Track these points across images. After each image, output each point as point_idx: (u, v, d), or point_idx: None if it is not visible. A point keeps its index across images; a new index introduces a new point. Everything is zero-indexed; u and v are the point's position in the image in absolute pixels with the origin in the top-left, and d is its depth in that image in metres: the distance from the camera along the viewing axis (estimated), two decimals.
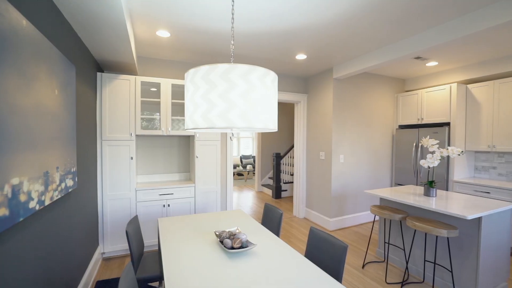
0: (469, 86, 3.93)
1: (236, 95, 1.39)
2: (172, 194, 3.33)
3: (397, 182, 4.66)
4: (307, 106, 4.76)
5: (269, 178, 7.35)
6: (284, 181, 6.56)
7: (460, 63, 3.87)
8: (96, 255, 2.86)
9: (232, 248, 1.73)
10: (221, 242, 1.80)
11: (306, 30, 2.70)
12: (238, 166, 9.44)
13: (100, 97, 3.01)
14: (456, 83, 3.84)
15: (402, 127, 4.76)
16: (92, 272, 2.66)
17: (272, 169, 6.95)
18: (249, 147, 11.47)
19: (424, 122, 4.26)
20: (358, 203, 4.45)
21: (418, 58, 3.63)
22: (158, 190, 3.26)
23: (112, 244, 3.08)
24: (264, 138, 7.43)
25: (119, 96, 3.09)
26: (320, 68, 4.19)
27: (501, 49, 3.24)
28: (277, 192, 6.36)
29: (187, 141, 3.87)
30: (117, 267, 2.94)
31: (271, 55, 3.50)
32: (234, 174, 9.47)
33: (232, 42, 1.65)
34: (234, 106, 1.39)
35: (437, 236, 2.40)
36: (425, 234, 2.69)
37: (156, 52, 3.41)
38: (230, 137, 1.53)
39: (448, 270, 2.45)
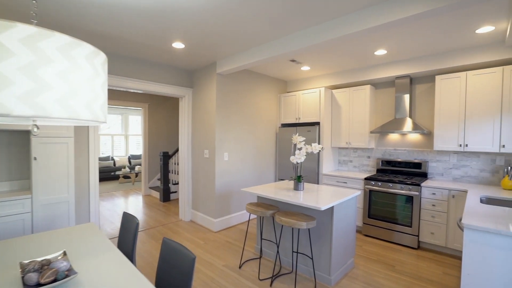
0: (334, 91, 4.53)
1: (52, 74, 0.97)
2: None
3: (280, 177, 4.97)
4: (192, 101, 4.46)
5: (158, 179, 6.69)
6: (174, 182, 6.07)
7: (327, 71, 4.40)
8: None
9: (39, 285, 1.25)
10: (23, 278, 1.28)
11: (180, 13, 2.38)
12: (124, 168, 8.26)
13: None
14: (324, 88, 4.34)
15: (284, 125, 5.11)
16: None
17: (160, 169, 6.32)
18: (140, 146, 10.28)
19: (301, 121, 4.68)
20: (243, 200, 4.48)
21: (293, 61, 3.90)
22: None
23: None
24: (152, 135, 6.70)
25: None
26: (204, 62, 3.96)
27: (355, 61, 3.82)
28: (165, 195, 5.82)
29: (24, 138, 2.92)
30: None
31: (141, 38, 3.01)
32: (119, 177, 8.23)
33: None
34: (49, 87, 0.96)
35: (299, 228, 2.54)
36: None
37: None
38: (33, 132, 1.06)
39: (310, 258, 2.64)
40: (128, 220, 2.13)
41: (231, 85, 4.17)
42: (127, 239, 2.07)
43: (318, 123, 4.53)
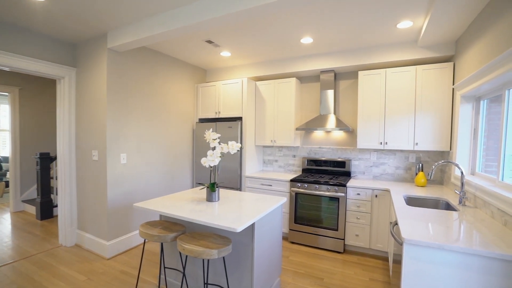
0: (258, 83, 4.06)
1: None
2: None
3: (198, 182, 4.25)
4: (75, 85, 3.32)
5: (37, 189, 5.07)
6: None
7: (250, 59, 3.90)
8: None
9: None
10: None
11: None
12: None
13: None
14: (246, 78, 3.82)
15: (202, 120, 4.40)
16: None
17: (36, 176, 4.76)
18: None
19: (221, 116, 4.05)
20: (149, 214, 3.59)
21: (210, 42, 3.23)
22: None
23: None
24: (27, 131, 5.03)
25: None
26: (91, 31, 2.93)
27: (280, 49, 3.41)
28: (45, 210, 4.38)
29: None
30: None
31: None
32: None
33: None
34: None
35: None
36: None
37: None
38: None
39: None
40: None
41: (131, 67, 3.23)
42: None
43: (240, 119, 4.00)
